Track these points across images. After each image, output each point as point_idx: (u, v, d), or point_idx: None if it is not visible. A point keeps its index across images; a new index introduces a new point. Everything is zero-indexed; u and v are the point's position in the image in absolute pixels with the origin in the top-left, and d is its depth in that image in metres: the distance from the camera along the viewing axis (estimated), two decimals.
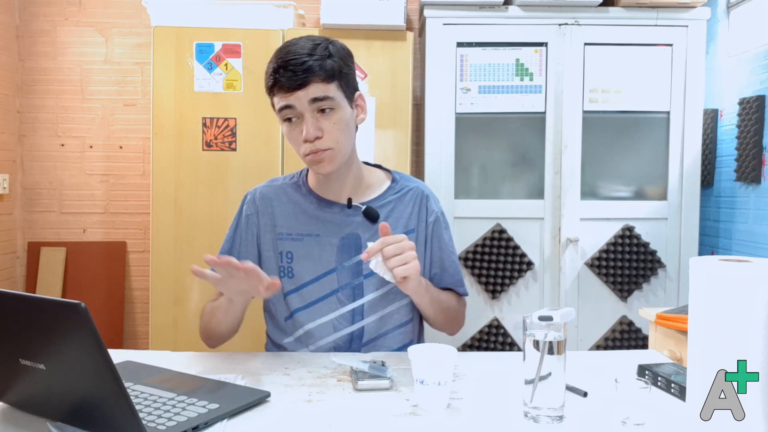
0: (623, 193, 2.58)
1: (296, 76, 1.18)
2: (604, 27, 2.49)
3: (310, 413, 0.92)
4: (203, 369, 1.11)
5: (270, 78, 1.22)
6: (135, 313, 3.03)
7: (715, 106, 2.66)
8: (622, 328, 2.52)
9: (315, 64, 1.18)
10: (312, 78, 1.18)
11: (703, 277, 0.83)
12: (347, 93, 1.24)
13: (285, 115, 1.23)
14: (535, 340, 0.88)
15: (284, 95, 1.20)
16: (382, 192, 1.35)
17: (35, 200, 2.99)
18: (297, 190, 1.35)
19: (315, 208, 1.32)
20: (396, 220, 1.32)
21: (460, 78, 2.50)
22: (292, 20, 2.49)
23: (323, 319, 1.29)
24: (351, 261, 1.30)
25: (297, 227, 1.31)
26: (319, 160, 1.23)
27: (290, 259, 1.30)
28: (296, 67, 1.18)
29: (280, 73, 1.19)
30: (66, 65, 2.96)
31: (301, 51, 1.19)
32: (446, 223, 1.40)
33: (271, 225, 1.33)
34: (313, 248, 1.29)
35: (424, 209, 1.35)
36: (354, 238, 1.30)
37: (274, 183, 1.39)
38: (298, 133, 1.21)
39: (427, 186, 1.41)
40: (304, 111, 1.20)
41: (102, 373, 0.75)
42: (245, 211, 1.36)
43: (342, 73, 1.22)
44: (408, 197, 1.35)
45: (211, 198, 2.44)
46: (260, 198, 1.36)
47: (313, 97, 1.19)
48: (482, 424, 0.89)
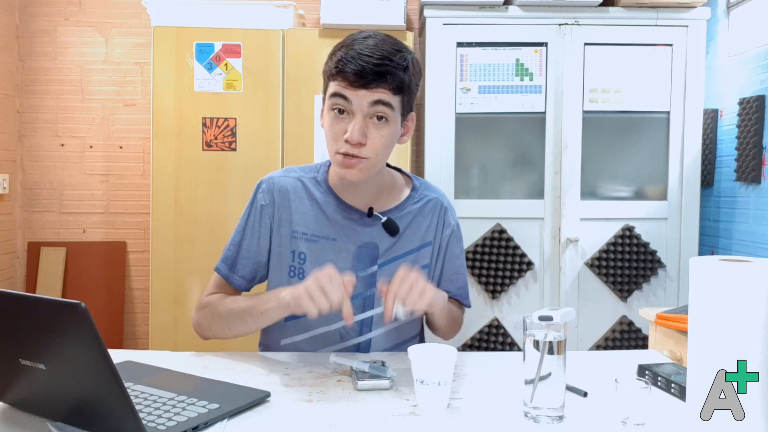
0: (623, 193, 2.58)
1: (367, 74, 1.10)
2: (604, 27, 2.49)
3: (310, 413, 0.92)
4: (203, 369, 1.11)
5: (338, 64, 1.12)
6: (135, 313, 3.03)
7: (715, 106, 2.66)
8: (622, 328, 2.52)
9: (391, 70, 1.11)
10: (382, 83, 1.11)
11: (703, 277, 0.83)
12: (404, 110, 1.19)
13: (336, 104, 1.14)
14: (535, 340, 0.88)
15: (346, 87, 1.12)
16: (402, 201, 1.29)
17: (35, 200, 2.99)
18: (316, 186, 1.28)
19: (334, 210, 1.25)
20: (414, 231, 1.28)
21: (460, 78, 2.50)
22: (292, 20, 2.49)
23: (331, 327, 1.25)
24: (366, 271, 1.25)
25: (314, 228, 1.25)
26: (350, 166, 1.15)
27: (303, 261, 1.25)
28: (370, 66, 1.10)
29: (351, 64, 1.10)
30: (66, 65, 2.96)
31: (380, 50, 1.11)
32: (460, 235, 1.37)
33: (288, 221, 1.26)
34: (328, 252, 1.24)
35: (442, 222, 1.31)
36: (371, 247, 1.25)
37: (290, 174, 1.30)
38: (342, 128, 1.14)
39: (446, 196, 1.37)
40: (357, 111, 1.13)
41: (102, 373, 0.75)
42: (260, 200, 1.28)
43: (410, 90, 1.17)
44: (428, 209, 1.31)
45: (211, 198, 2.44)
46: (278, 189, 1.27)
47: (375, 99, 1.12)
48: (482, 424, 0.89)
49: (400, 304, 1.08)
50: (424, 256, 1.29)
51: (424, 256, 1.29)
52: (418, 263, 1.27)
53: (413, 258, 1.28)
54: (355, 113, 1.13)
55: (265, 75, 2.43)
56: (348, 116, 1.14)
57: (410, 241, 1.28)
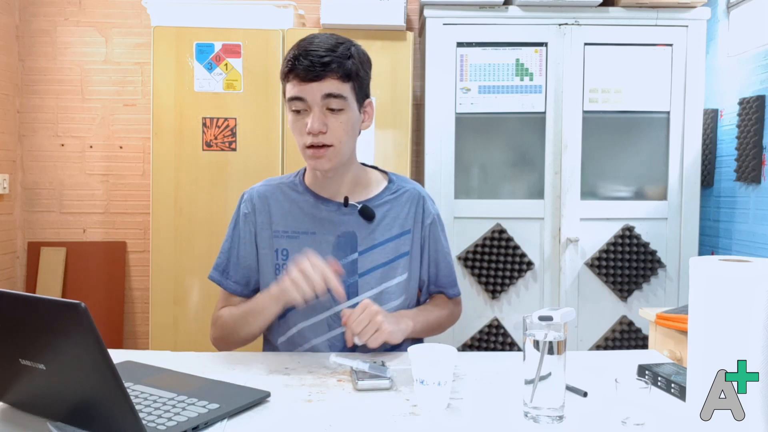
0: (623, 193, 2.58)
1: (314, 67, 1.19)
2: (604, 27, 2.49)
3: (310, 413, 0.92)
4: (203, 369, 1.11)
5: (288, 64, 1.22)
6: (135, 313, 3.03)
7: (715, 106, 2.66)
8: (622, 328, 2.52)
9: (335, 60, 1.20)
10: (329, 73, 1.19)
11: (703, 277, 0.83)
12: (359, 97, 1.26)
13: (294, 106, 1.23)
14: (535, 340, 0.88)
15: (298, 84, 1.20)
16: (379, 192, 1.36)
17: (35, 200, 2.99)
18: (293, 188, 1.36)
19: (311, 206, 1.33)
20: (392, 219, 1.34)
21: (460, 78, 2.50)
22: (292, 20, 2.49)
23: (317, 317, 1.29)
24: (347, 259, 1.30)
25: (293, 225, 1.32)
26: (319, 156, 1.24)
27: (285, 257, 1.31)
28: (316, 59, 1.19)
29: (299, 61, 1.19)
30: (66, 65, 2.96)
31: (324, 45, 1.21)
32: (442, 224, 1.43)
33: (268, 223, 1.34)
34: (309, 246, 1.29)
35: (421, 210, 1.37)
36: (350, 236, 1.31)
37: (270, 182, 1.40)
38: (303, 124, 1.23)
39: (423, 188, 1.42)
40: (313, 104, 1.21)
41: (102, 373, 0.75)
42: (242, 209, 1.37)
43: (358, 76, 1.24)
44: (404, 198, 1.37)
45: (211, 198, 2.44)
46: (257, 196, 1.36)
47: (327, 92, 1.20)
48: (482, 424, 0.89)
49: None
50: (404, 244, 1.34)
51: (404, 244, 1.34)
52: (398, 251, 1.33)
53: (393, 245, 1.33)
54: (312, 107, 1.21)
55: (265, 75, 2.43)
56: (306, 113, 1.23)
57: (389, 229, 1.33)
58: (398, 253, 1.33)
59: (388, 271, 1.32)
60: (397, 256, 1.33)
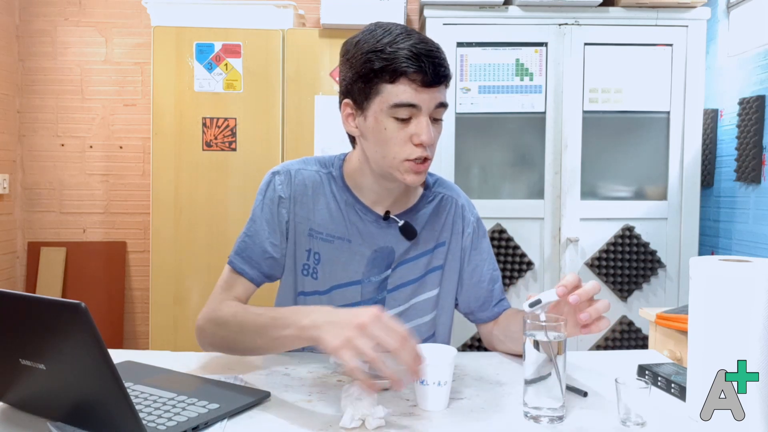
0: (623, 193, 2.58)
1: (437, 72, 1.03)
2: (604, 27, 2.49)
3: (310, 413, 0.92)
4: (203, 369, 1.11)
5: (406, 63, 1.02)
6: (135, 313, 3.03)
7: (715, 106, 2.66)
8: (622, 328, 2.52)
9: (448, 67, 1.06)
10: (445, 80, 1.06)
11: (703, 277, 0.83)
12: None
13: (403, 113, 1.05)
14: (535, 340, 0.88)
15: (417, 89, 1.04)
16: (417, 201, 1.24)
17: (35, 200, 2.99)
18: (333, 183, 1.20)
19: (350, 210, 1.19)
20: (429, 232, 1.23)
21: (460, 78, 2.50)
22: (292, 20, 2.49)
23: None
24: (379, 276, 1.20)
25: (330, 227, 1.19)
26: (422, 171, 1.09)
27: (317, 261, 1.19)
28: (438, 62, 1.04)
29: (424, 63, 1.02)
30: (66, 65, 2.96)
31: (435, 45, 1.06)
32: (484, 230, 1.29)
33: (306, 218, 1.19)
34: (342, 254, 1.19)
35: (459, 221, 1.25)
36: (387, 251, 1.20)
37: (309, 166, 1.22)
38: (408, 134, 1.06)
39: (461, 193, 1.30)
40: (425, 113, 1.06)
41: (102, 373, 0.75)
42: (278, 191, 1.19)
43: None
44: (441, 207, 1.25)
45: (211, 198, 2.44)
46: (298, 182, 1.19)
47: (441, 101, 1.07)
48: (482, 424, 0.88)
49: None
50: (438, 257, 1.24)
51: (438, 257, 1.24)
52: (430, 265, 1.23)
53: (427, 260, 1.22)
54: (421, 116, 1.06)
55: (265, 75, 2.43)
56: (408, 122, 1.07)
57: (425, 243, 1.22)
58: (430, 267, 1.23)
59: (417, 287, 1.22)
60: (428, 270, 1.23)
